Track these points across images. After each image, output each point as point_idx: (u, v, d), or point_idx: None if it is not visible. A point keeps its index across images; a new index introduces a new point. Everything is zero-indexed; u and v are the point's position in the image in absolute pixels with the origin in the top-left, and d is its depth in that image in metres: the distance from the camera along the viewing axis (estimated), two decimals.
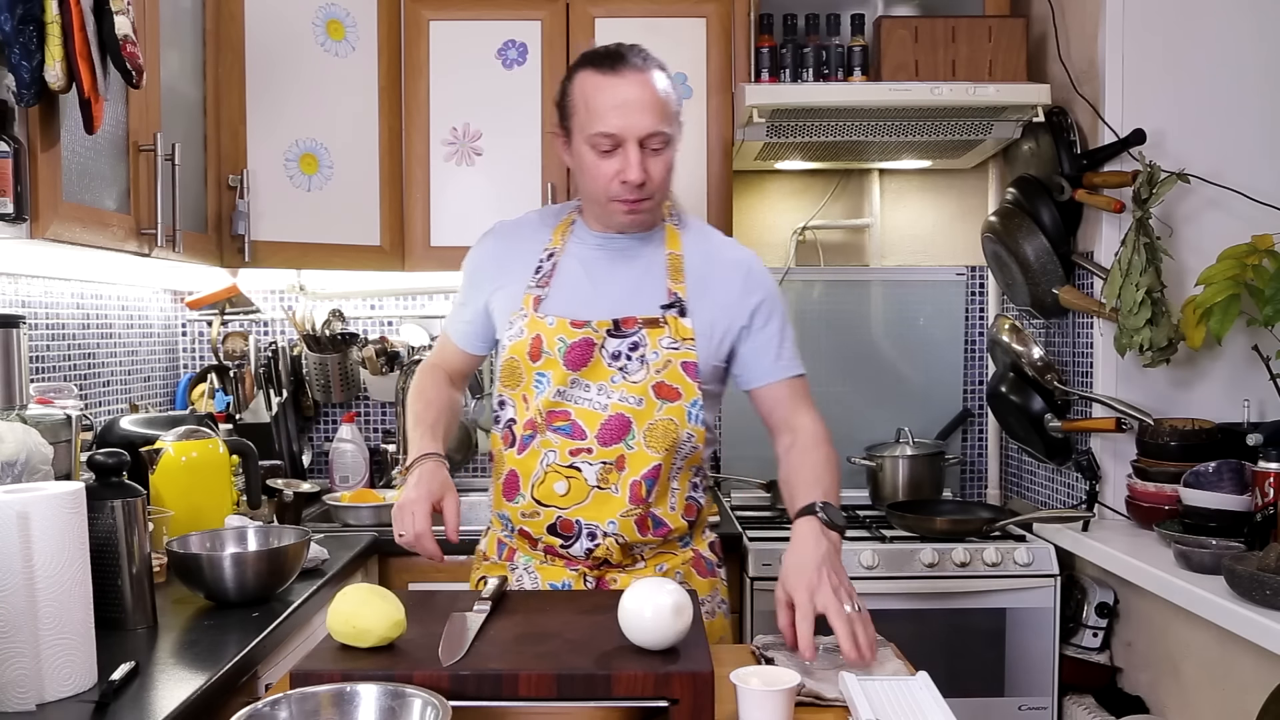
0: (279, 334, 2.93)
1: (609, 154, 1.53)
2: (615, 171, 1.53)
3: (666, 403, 1.57)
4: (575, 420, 1.57)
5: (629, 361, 1.57)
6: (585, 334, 1.56)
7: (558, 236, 1.66)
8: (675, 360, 1.57)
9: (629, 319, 1.58)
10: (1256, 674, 1.80)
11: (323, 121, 2.48)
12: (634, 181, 1.52)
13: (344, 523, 2.45)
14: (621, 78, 1.52)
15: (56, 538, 1.25)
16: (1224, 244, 2.12)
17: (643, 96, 1.51)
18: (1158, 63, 2.33)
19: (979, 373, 2.98)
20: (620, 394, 1.56)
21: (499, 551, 1.70)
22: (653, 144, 1.53)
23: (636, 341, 1.57)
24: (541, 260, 1.64)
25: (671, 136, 1.55)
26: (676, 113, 1.57)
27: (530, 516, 1.61)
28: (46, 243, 1.59)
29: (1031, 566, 2.31)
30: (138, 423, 2.20)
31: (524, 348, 1.59)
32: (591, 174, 1.56)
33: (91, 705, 1.25)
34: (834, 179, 2.98)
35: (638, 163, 1.51)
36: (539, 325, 1.58)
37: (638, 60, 1.54)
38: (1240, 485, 2.02)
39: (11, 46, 1.43)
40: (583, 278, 1.63)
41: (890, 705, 1.19)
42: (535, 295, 1.61)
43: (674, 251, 1.65)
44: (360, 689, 1.03)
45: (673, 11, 2.58)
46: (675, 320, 1.59)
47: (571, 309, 1.59)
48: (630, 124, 1.50)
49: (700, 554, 1.70)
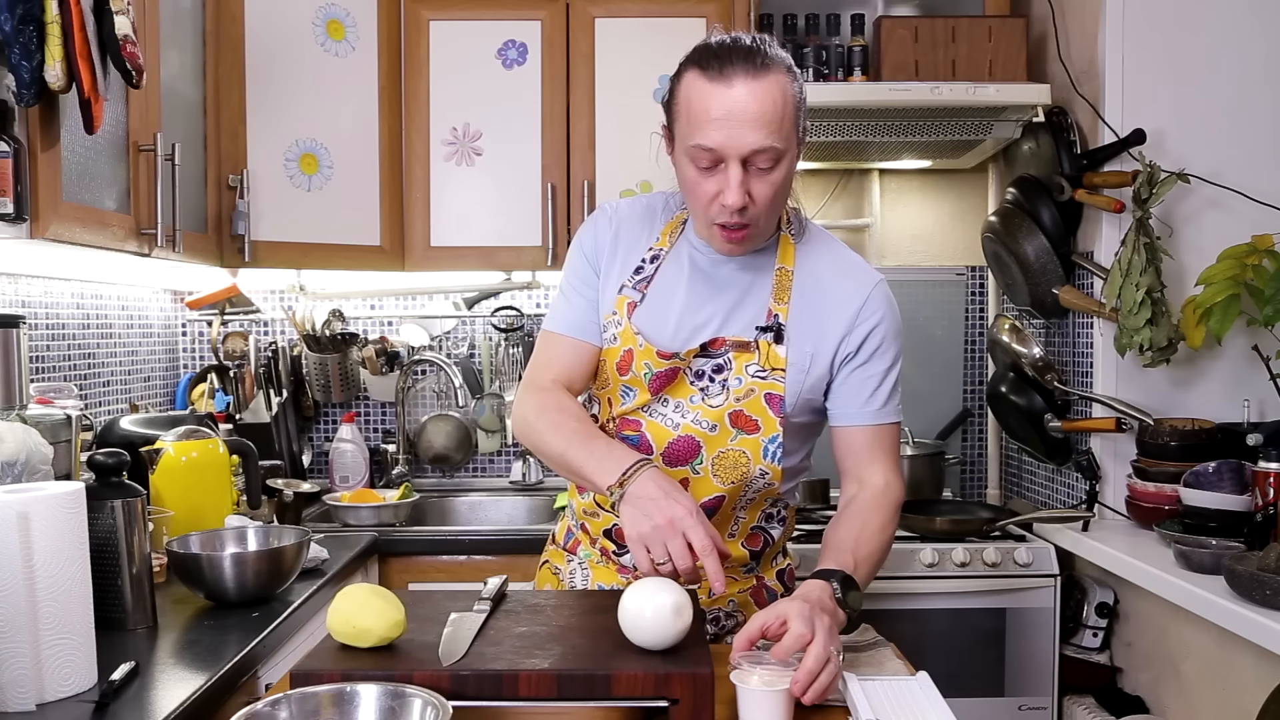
0: (279, 334, 2.93)
1: (709, 171, 1.35)
2: (715, 193, 1.35)
3: (742, 433, 1.45)
4: (645, 433, 1.47)
5: (710, 384, 1.45)
6: (673, 364, 1.44)
7: (665, 237, 1.51)
8: (759, 390, 1.44)
9: (718, 340, 1.44)
10: (1256, 674, 1.80)
11: (323, 121, 2.48)
12: (733, 206, 1.33)
13: (344, 523, 2.45)
14: (729, 85, 1.31)
15: (56, 538, 1.25)
16: (1224, 244, 2.12)
17: (750, 108, 1.30)
18: (1158, 62, 2.33)
19: (979, 373, 2.98)
20: (695, 415, 1.45)
21: (566, 539, 1.66)
22: (759, 162, 1.33)
23: (721, 364, 1.45)
24: (644, 260, 1.50)
25: (783, 153, 1.34)
26: (795, 124, 1.35)
27: (591, 515, 1.58)
28: (46, 243, 1.59)
29: (1031, 566, 2.31)
30: (138, 423, 2.20)
31: (615, 356, 1.48)
32: (691, 191, 1.39)
33: (91, 705, 1.25)
34: (834, 179, 2.98)
35: (739, 184, 1.32)
36: (630, 340, 1.46)
37: (752, 64, 1.32)
38: (1240, 485, 2.02)
39: (11, 46, 1.43)
40: (681, 292, 1.48)
41: (890, 705, 1.19)
42: (630, 300, 1.47)
43: (784, 267, 1.48)
44: (360, 689, 1.03)
45: (673, 11, 2.58)
46: (768, 346, 1.44)
47: (663, 332, 1.46)
48: (732, 140, 1.31)
49: (764, 583, 1.58)
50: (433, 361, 2.89)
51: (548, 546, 1.73)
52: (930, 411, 2.95)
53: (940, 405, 2.96)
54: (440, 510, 2.79)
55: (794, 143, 1.37)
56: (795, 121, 1.36)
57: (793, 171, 1.39)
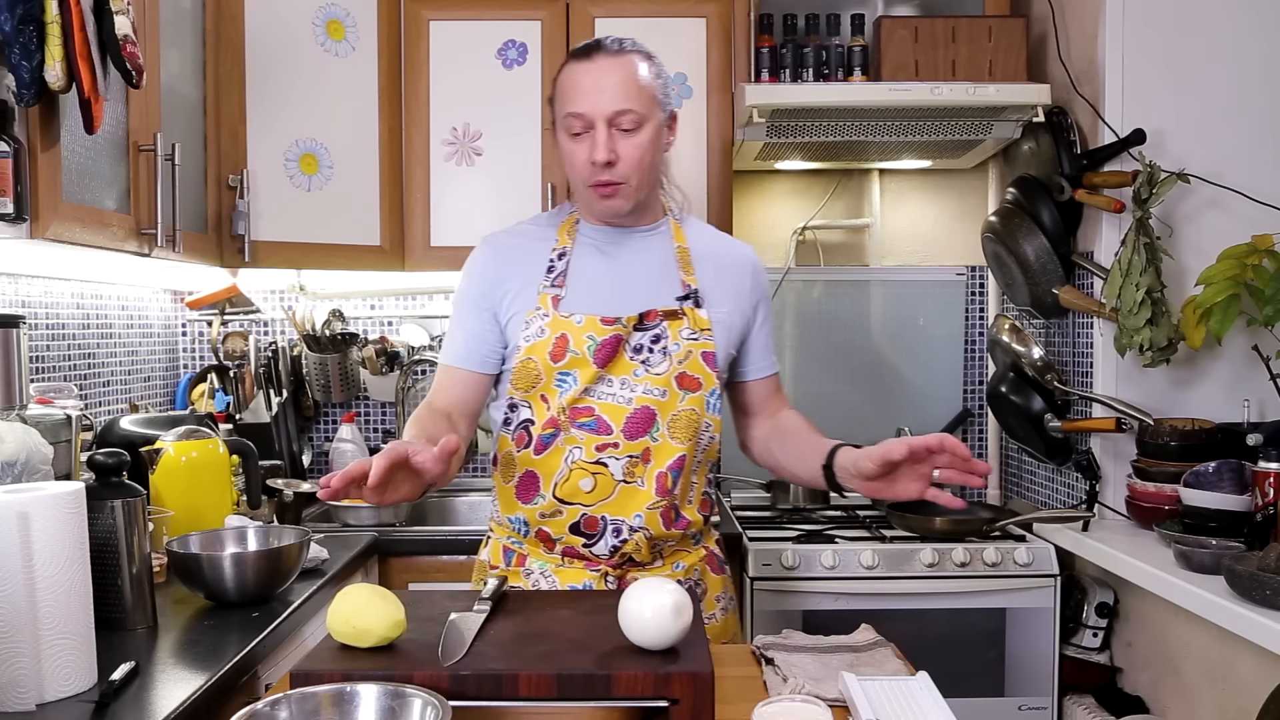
0: (279, 334, 2.93)
1: (581, 137, 1.53)
2: (587, 154, 1.53)
3: (688, 393, 1.58)
4: (600, 415, 1.55)
5: (650, 354, 1.57)
6: (616, 330, 1.55)
7: (564, 236, 1.64)
8: (696, 350, 1.59)
9: (651, 312, 1.58)
10: (1256, 674, 1.80)
11: (323, 121, 2.48)
12: (600, 161, 1.51)
13: (344, 523, 2.45)
14: (593, 62, 1.53)
15: (56, 538, 1.25)
16: (1224, 244, 2.12)
17: (611, 76, 1.51)
18: (1158, 62, 2.33)
19: (979, 373, 2.98)
20: (644, 386, 1.56)
21: (506, 559, 1.67)
22: (622, 123, 1.52)
23: (658, 334, 1.58)
24: (553, 260, 1.62)
25: (644, 117, 1.53)
26: (654, 95, 1.55)
27: (551, 516, 1.59)
28: (46, 243, 1.59)
29: (1031, 566, 2.31)
30: (138, 423, 2.20)
31: (545, 348, 1.56)
32: (568, 160, 1.57)
33: (91, 705, 1.25)
34: (834, 179, 2.98)
35: (604, 142, 1.51)
36: (564, 324, 1.56)
37: (613, 46, 1.55)
38: (1240, 485, 2.02)
39: (11, 46, 1.43)
40: (599, 274, 1.61)
41: (890, 705, 1.19)
42: (553, 295, 1.58)
43: (681, 245, 1.66)
44: (360, 689, 1.03)
45: (673, 11, 2.58)
46: (692, 311, 1.60)
47: (597, 306, 1.57)
48: (597, 105, 1.50)
49: (712, 551, 1.72)
50: (433, 361, 2.89)
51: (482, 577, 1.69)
52: (930, 411, 2.95)
53: (940, 405, 2.96)
54: (440, 510, 2.79)
55: (656, 112, 1.55)
56: (656, 96, 1.55)
57: (659, 141, 1.57)
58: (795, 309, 2.96)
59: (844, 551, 2.33)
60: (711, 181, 2.60)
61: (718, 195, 2.60)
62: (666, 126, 1.59)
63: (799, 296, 2.96)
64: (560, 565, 1.62)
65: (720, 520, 2.44)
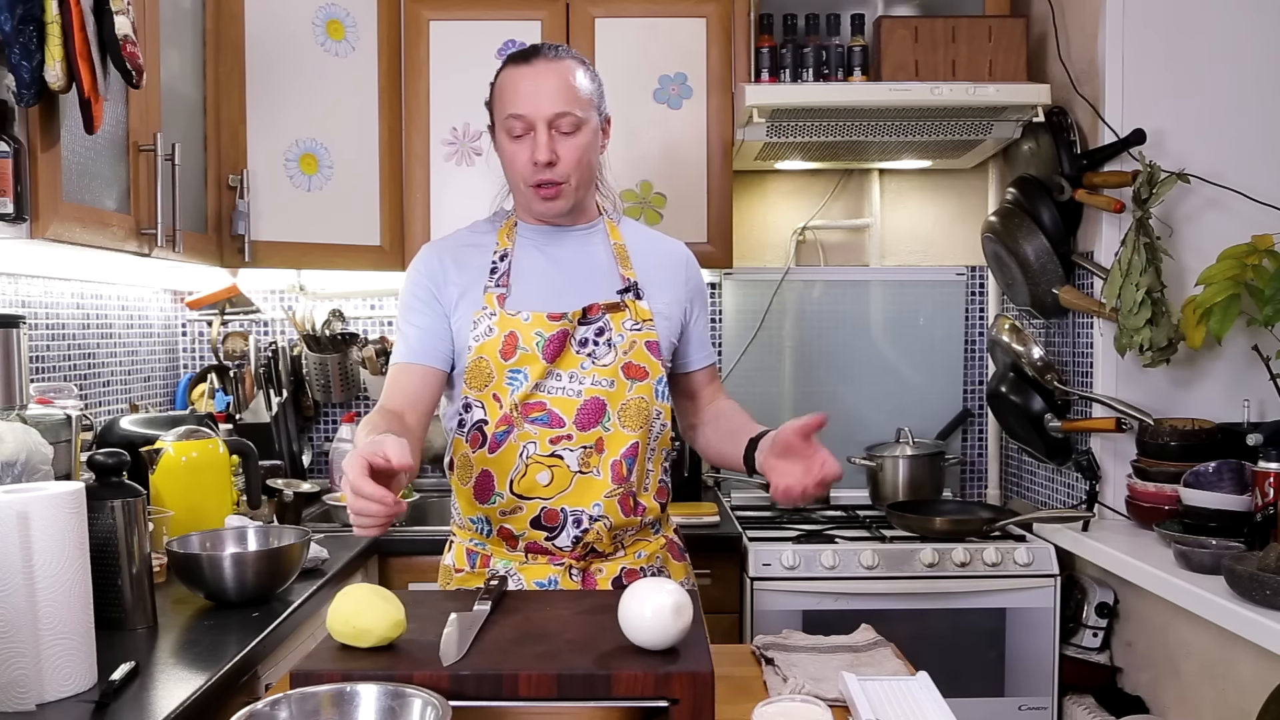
0: (279, 334, 2.93)
1: (521, 139, 1.57)
2: (528, 157, 1.57)
3: (636, 382, 1.62)
4: (551, 409, 1.58)
5: (596, 346, 1.61)
6: (562, 325, 1.58)
7: (503, 238, 1.67)
8: (640, 340, 1.63)
9: (594, 305, 1.61)
10: (1256, 674, 1.80)
11: (323, 121, 2.48)
12: (542, 160, 1.55)
13: (344, 523, 2.45)
14: (532, 67, 1.57)
15: (56, 538, 1.25)
16: (1224, 244, 2.12)
17: (549, 80, 1.56)
18: (1158, 62, 2.33)
19: (979, 373, 2.98)
20: (592, 378, 1.59)
21: (470, 561, 1.67)
22: (562, 126, 1.56)
23: (602, 327, 1.62)
24: (495, 261, 1.65)
25: (583, 120, 1.57)
26: (591, 99, 1.60)
27: (511, 513, 1.60)
28: (46, 243, 1.59)
29: (1031, 566, 2.31)
30: (138, 423, 2.20)
31: (495, 346, 1.58)
32: (509, 161, 1.60)
33: (91, 705, 1.25)
34: (834, 179, 2.98)
35: (545, 143, 1.55)
36: (511, 322, 1.59)
37: (550, 53, 1.59)
38: (1240, 485, 2.02)
39: (11, 46, 1.43)
40: (541, 271, 1.65)
41: (890, 705, 1.19)
42: (498, 294, 1.61)
43: (618, 242, 1.71)
44: (360, 689, 1.03)
45: (673, 11, 2.58)
46: (633, 303, 1.64)
47: (542, 302, 1.61)
48: (537, 106, 1.55)
49: (671, 539, 1.74)
50: None
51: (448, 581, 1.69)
52: (930, 411, 2.95)
53: (940, 405, 2.96)
54: (440, 510, 2.78)
55: (593, 115, 1.60)
56: (592, 100, 1.60)
57: (596, 143, 1.62)
58: (795, 309, 2.96)
59: (844, 551, 2.33)
60: (712, 181, 2.60)
61: (718, 195, 2.60)
62: (601, 129, 1.64)
63: (799, 296, 2.96)
64: (525, 563, 1.62)
65: (720, 520, 2.44)
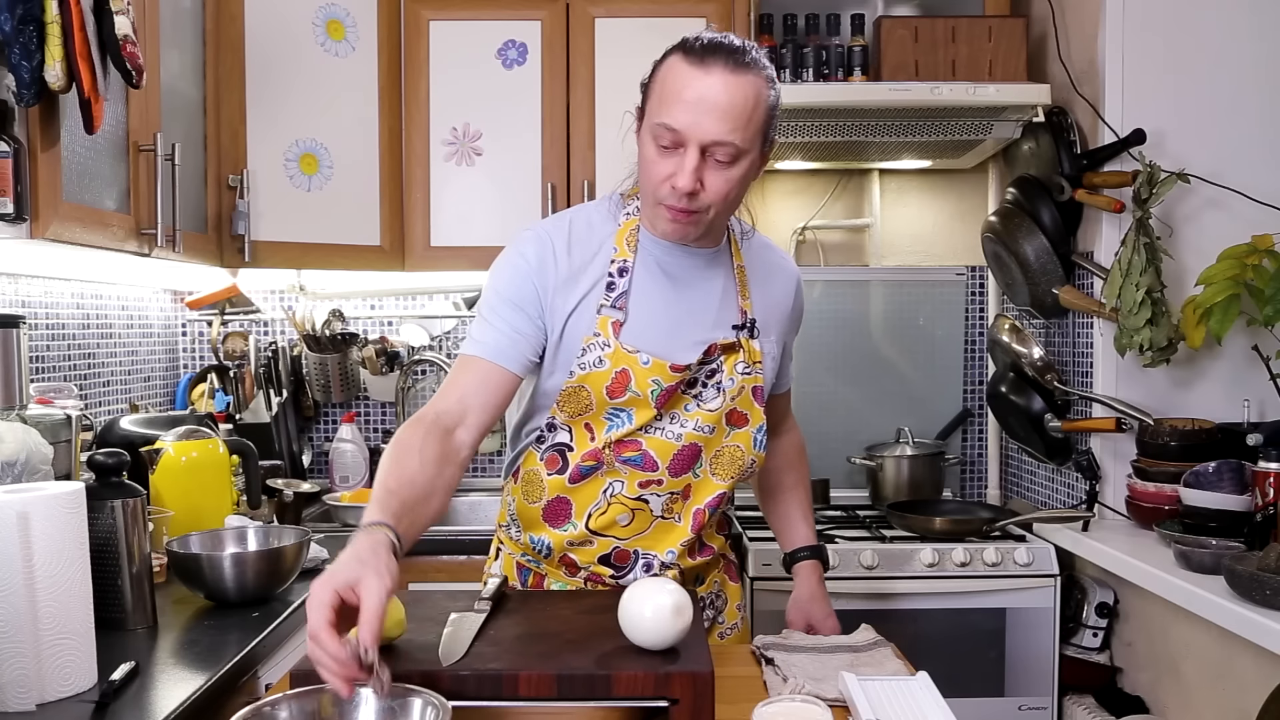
0: (279, 334, 2.93)
1: (668, 151, 1.35)
2: (669, 174, 1.36)
3: (735, 429, 1.50)
4: (647, 451, 1.45)
5: (704, 389, 1.47)
6: (681, 376, 1.44)
7: (624, 245, 1.47)
8: (748, 386, 1.50)
9: (712, 346, 1.46)
10: (1256, 674, 1.80)
11: (323, 121, 2.48)
12: (683, 189, 1.34)
13: (344, 523, 2.45)
14: (706, 73, 1.33)
15: (56, 538, 1.25)
16: (1224, 244, 2.12)
17: (720, 98, 1.32)
18: (1158, 63, 2.33)
19: (979, 373, 2.98)
20: (695, 423, 1.46)
21: (522, 578, 1.57)
22: (717, 154, 1.34)
23: (714, 369, 1.47)
24: (612, 275, 1.45)
25: (743, 152, 1.35)
26: (760, 129, 1.37)
27: (580, 545, 1.49)
28: (46, 243, 1.59)
29: (1031, 566, 2.31)
30: (138, 423, 2.20)
31: (603, 381, 1.42)
32: (647, 168, 1.40)
33: (91, 705, 1.25)
34: (834, 179, 2.98)
35: (692, 170, 1.33)
36: (627, 360, 1.42)
37: (733, 59, 1.34)
38: (1240, 485, 2.02)
39: (11, 46, 1.43)
40: (661, 297, 1.47)
41: (890, 705, 1.19)
42: (614, 320, 1.43)
43: (740, 264, 1.54)
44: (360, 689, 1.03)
45: (672, 11, 2.58)
46: (748, 343, 1.50)
47: (662, 340, 1.44)
48: (696, 125, 1.32)
49: (729, 559, 1.68)
50: (433, 361, 2.89)
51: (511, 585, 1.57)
52: (930, 411, 2.95)
53: (940, 405, 2.96)
54: None
55: (757, 147, 1.38)
56: (762, 127, 1.37)
57: (750, 175, 1.40)
58: None
59: (844, 551, 2.33)
60: None
61: None
62: (762, 154, 1.42)
63: None
64: (583, 588, 1.54)
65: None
